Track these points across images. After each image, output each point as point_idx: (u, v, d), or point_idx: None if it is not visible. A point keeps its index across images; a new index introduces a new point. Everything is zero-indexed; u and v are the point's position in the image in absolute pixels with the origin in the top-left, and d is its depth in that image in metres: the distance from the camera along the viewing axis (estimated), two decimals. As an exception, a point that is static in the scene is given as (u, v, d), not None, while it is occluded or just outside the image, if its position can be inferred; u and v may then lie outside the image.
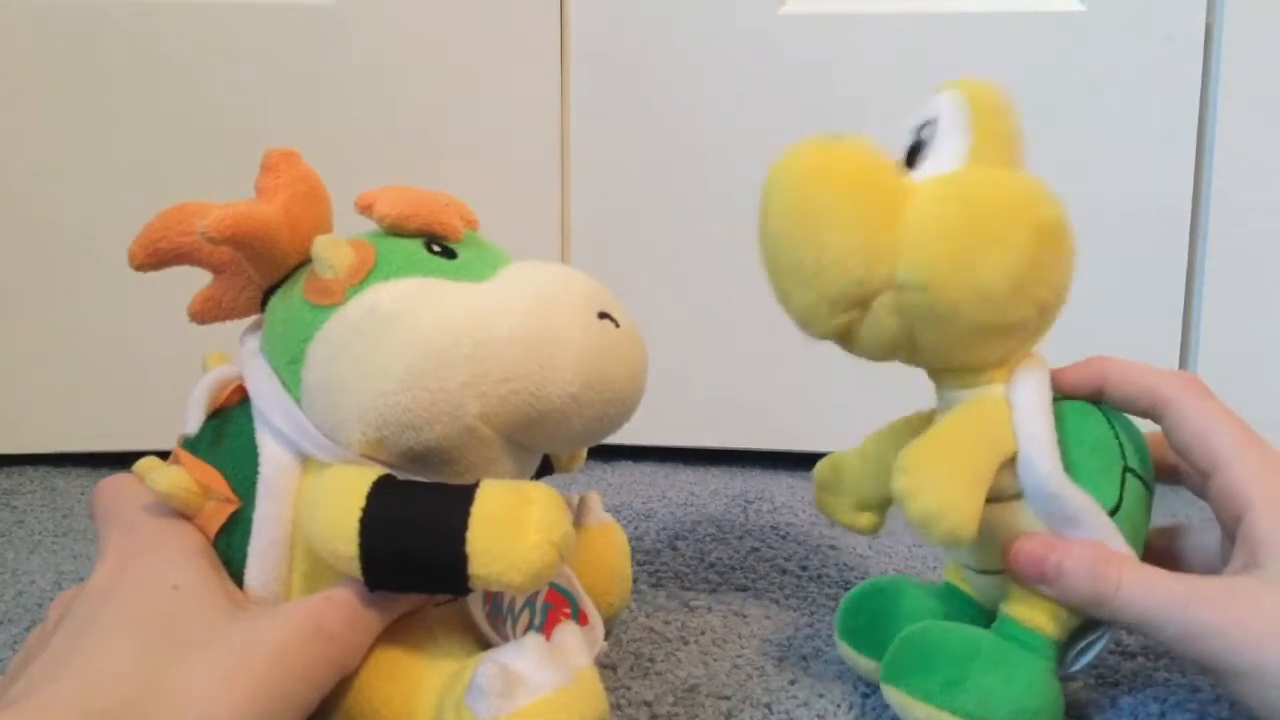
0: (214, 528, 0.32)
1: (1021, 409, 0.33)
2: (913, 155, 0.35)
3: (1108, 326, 0.65)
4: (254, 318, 0.35)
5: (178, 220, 0.33)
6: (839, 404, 0.66)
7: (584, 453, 0.41)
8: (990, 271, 0.31)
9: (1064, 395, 0.36)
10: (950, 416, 0.34)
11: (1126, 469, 0.34)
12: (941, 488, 0.31)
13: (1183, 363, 0.65)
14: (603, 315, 0.33)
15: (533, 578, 0.29)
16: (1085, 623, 0.34)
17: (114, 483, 0.34)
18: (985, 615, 0.37)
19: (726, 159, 0.66)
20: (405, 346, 0.30)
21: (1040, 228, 0.32)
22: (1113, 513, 0.33)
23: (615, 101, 0.67)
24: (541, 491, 0.30)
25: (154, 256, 0.33)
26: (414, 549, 0.29)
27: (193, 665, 0.26)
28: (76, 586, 0.32)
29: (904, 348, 0.34)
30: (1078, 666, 0.35)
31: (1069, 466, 0.33)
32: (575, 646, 0.31)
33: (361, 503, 0.30)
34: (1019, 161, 0.34)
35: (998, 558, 0.34)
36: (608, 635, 0.39)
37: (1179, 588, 0.31)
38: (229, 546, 0.32)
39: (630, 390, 0.34)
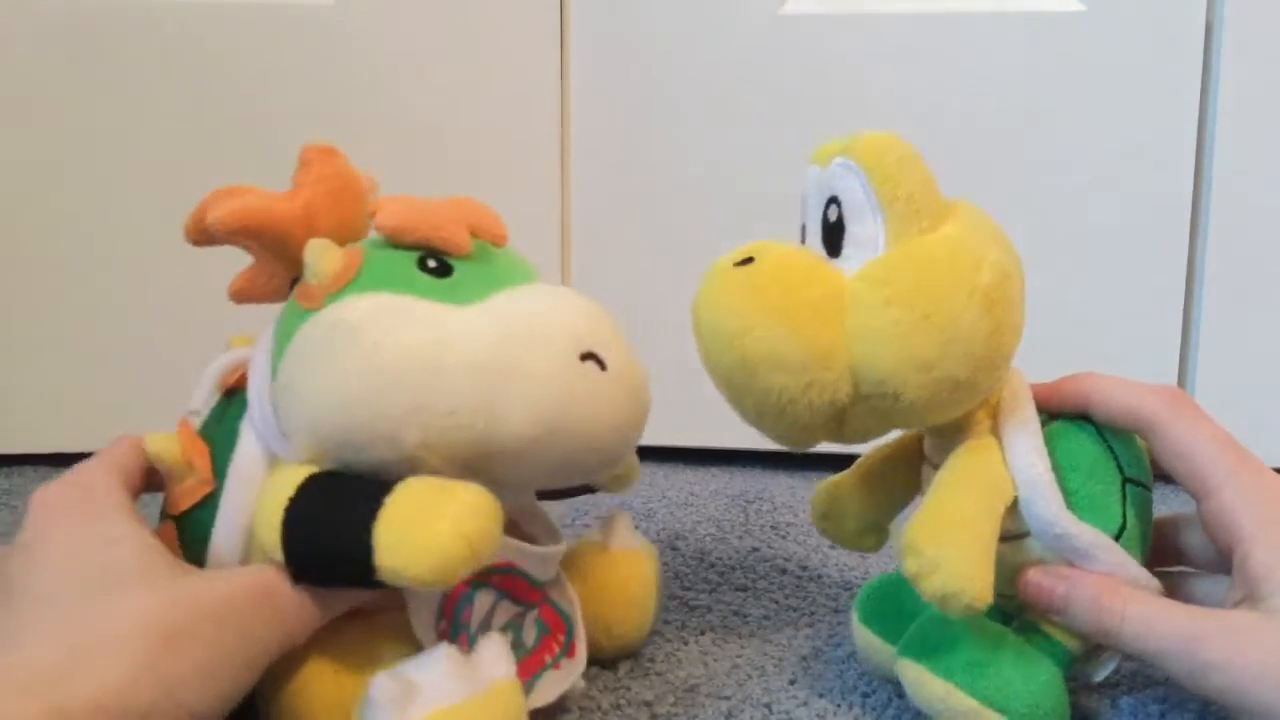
0: (188, 502, 0.32)
1: (1015, 453, 0.33)
2: (830, 237, 0.33)
3: (1108, 327, 0.65)
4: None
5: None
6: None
7: (632, 473, 0.40)
8: (953, 364, 0.31)
9: (1050, 415, 0.35)
10: (946, 477, 0.33)
11: (1126, 481, 0.34)
12: (953, 566, 0.31)
13: (1182, 363, 0.65)
14: (587, 356, 0.31)
15: (437, 570, 0.27)
16: None
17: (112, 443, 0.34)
18: (1005, 615, 0.37)
19: (726, 158, 0.66)
20: (356, 364, 0.29)
21: (987, 297, 0.31)
22: (1118, 535, 0.33)
23: (615, 101, 0.67)
24: (468, 489, 0.29)
25: (203, 234, 0.33)
26: (324, 540, 0.29)
27: (131, 611, 0.26)
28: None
29: (892, 428, 0.34)
30: (1098, 678, 0.35)
31: (1069, 496, 0.33)
32: (495, 657, 0.30)
33: (290, 493, 0.30)
34: (938, 207, 0.33)
35: (1011, 588, 0.34)
36: (624, 662, 0.39)
37: (1183, 624, 0.31)
38: (196, 525, 0.32)
39: (610, 436, 0.32)
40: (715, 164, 0.66)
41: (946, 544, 0.31)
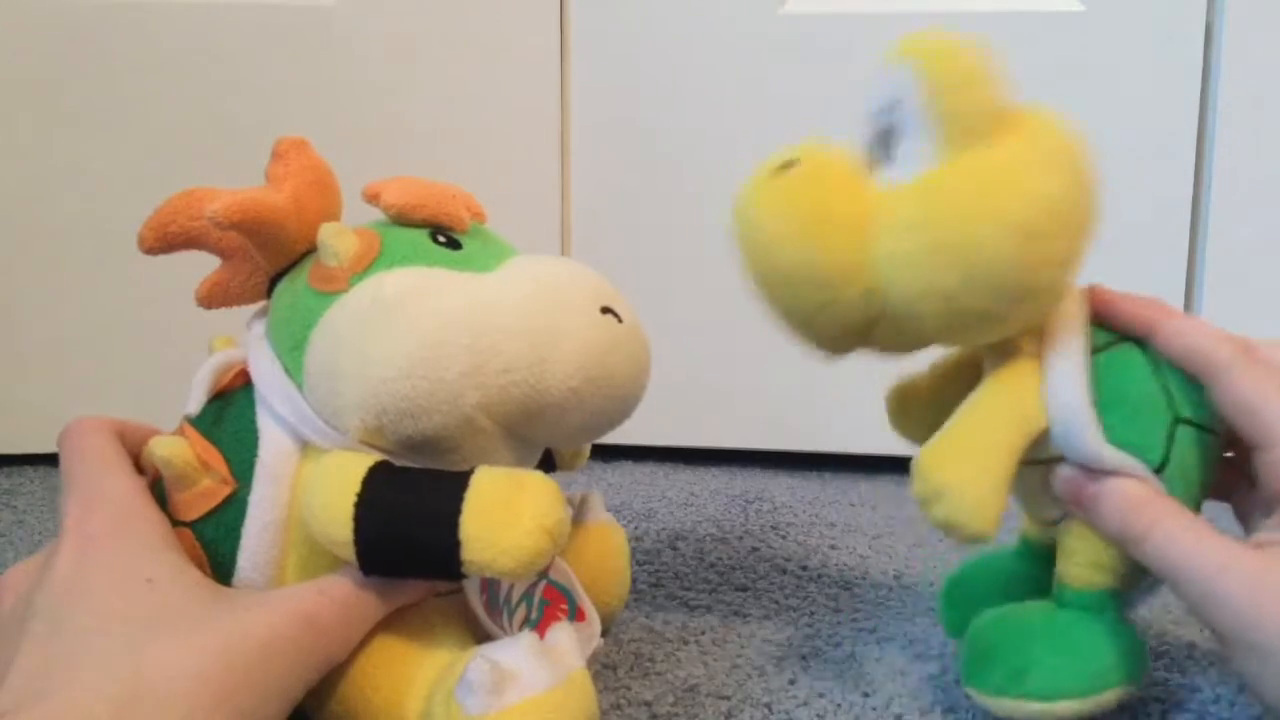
0: (206, 506, 0.32)
1: (1054, 383, 0.32)
2: (883, 144, 0.32)
3: (1108, 326, 0.65)
4: (261, 304, 0.35)
5: (187, 205, 0.33)
6: (839, 404, 0.66)
7: (587, 451, 0.42)
8: (976, 296, 0.30)
9: (1104, 327, 0.34)
10: (973, 402, 0.32)
11: (1177, 421, 0.33)
12: (958, 496, 0.30)
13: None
14: (606, 310, 0.33)
15: (525, 564, 0.29)
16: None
17: (79, 432, 0.33)
18: (1036, 553, 0.37)
19: (726, 159, 0.66)
20: (406, 335, 0.30)
21: (1022, 229, 0.29)
22: (1159, 470, 0.32)
23: (615, 102, 0.67)
24: (536, 478, 0.30)
25: (163, 240, 0.33)
26: (407, 534, 0.29)
27: (176, 663, 0.26)
28: (25, 562, 0.31)
29: (923, 347, 0.33)
30: (1141, 604, 0.34)
31: (1106, 430, 0.32)
32: (568, 647, 0.31)
33: (356, 488, 0.30)
34: (998, 123, 0.31)
35: (1051, 510, 0.34)
36: (605, 634, 0.39)
37: (1213, 552, 0.30)
38: (220, 528, 0.32)
39: (632, 386, 0.34)
40: (715, 164, 0.66)
41: (954, 472, 0.30)
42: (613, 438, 0.35)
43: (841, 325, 0.31)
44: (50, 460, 0.68)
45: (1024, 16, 0.63)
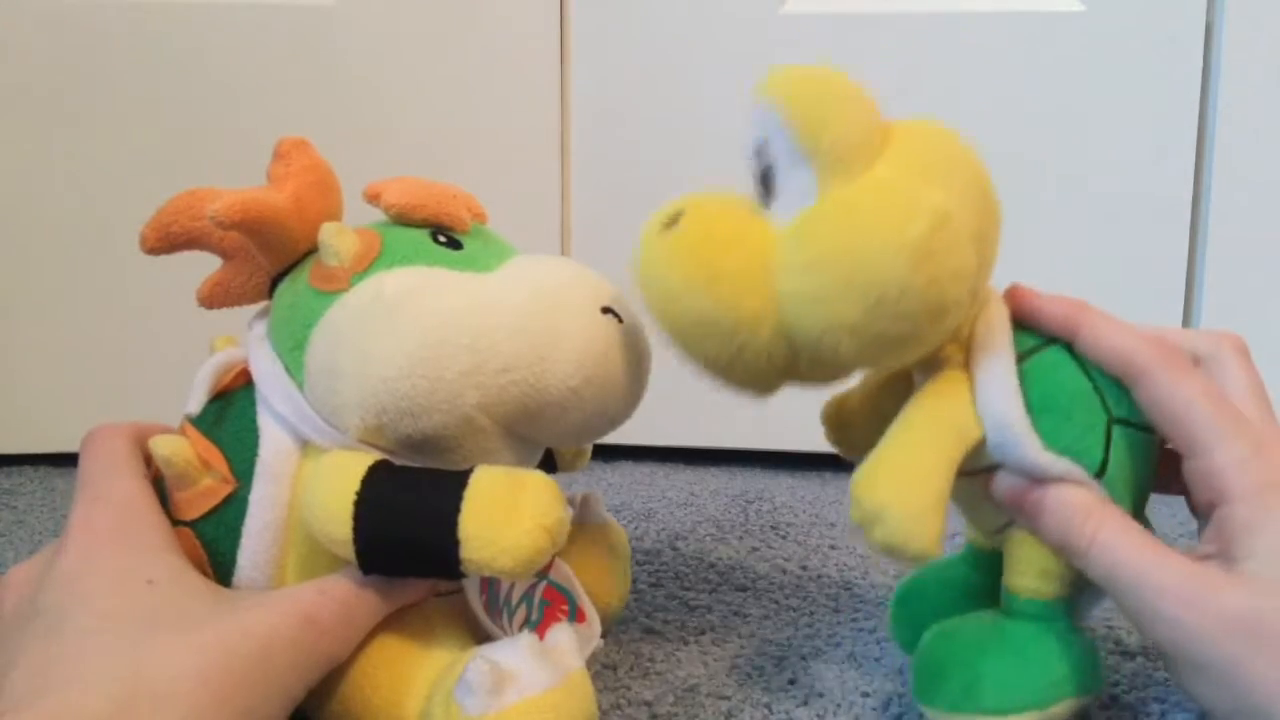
0: (207, 505, 0.32)
1: (985, 393, 0.31)
2: (764, 185, 0.32)
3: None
4: (262, 304, 0.35)
5: (189, 205, 0.33)
6: (839, 404, 0.66)
7: (588, 452, 0.42)
8: (884, 324, 0.29)
9: (1030, 330, 0.33)
10: (899, 420, 0.32)
11: (1113, 422, 0.32)
12: (896, 518, 0.29)
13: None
14: (606, 310, 0.33)
15: (524, 564, 0.29)
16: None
17: (100, 437, 0.34)
18: (981, 561, 0.36)
19: (727, 158, 0.66)
20: (406, 334, 0.30)
21: (918, 250, 0.28)
22: (1099, 474, 0.32)
23: (615, 101, 0.67)
24: (536, 478, 0.30)
25: (165, 240, 0.33)
26: (406, 533, 0.29)
27: (176, 661, 0.26)
28: (27, 562, 0.31)
29: (848, 374, 0.33)
30: (1091, 610, 0.34)
31: (1044, 436, 0.31)
32: (568, 647, 0.31)
33: (356, 486, 0.30)
34: (873, 145, 0.30)
35: (994, 519, 0.33)
36: (605, 634, 0.39)
37: (1149, 567, 0.30)
38: (220, 527, 0.32)
39: (632, 386, 0.34)
40: (715, 164, 0.66)
41: (889, 494, 0.30)
42: (613, 438, 0.35)
43: (758, 369, 0.31)
44: (50, 460, 0.68)
45: (1024, 16, 0.63)
